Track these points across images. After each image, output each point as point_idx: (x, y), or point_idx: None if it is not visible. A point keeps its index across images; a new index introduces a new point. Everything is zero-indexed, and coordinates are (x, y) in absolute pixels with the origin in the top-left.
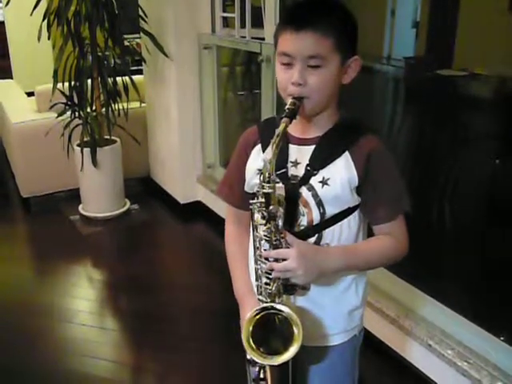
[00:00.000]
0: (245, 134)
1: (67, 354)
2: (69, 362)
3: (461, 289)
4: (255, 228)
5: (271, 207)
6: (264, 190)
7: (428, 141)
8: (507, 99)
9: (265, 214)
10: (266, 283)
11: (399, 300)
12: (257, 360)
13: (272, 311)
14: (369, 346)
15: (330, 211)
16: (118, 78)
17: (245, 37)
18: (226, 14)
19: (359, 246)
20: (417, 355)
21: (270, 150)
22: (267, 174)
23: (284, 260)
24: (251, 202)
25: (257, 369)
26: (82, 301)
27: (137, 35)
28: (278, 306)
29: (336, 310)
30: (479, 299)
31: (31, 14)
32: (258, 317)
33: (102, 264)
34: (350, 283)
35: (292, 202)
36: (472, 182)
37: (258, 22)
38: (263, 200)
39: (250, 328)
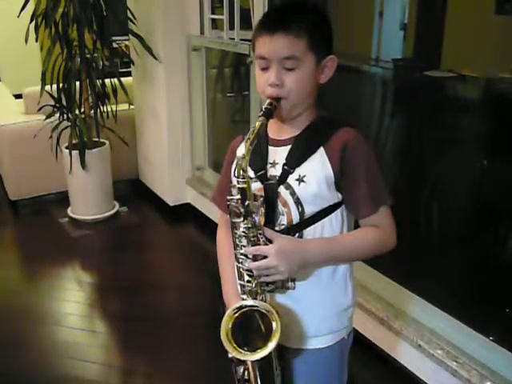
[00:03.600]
0: (232, 143)
1: (56, 356)
2: (58, 365)
3: (450, 289)
4: (234, 226)
5: (247, 202)
6: (239, 186)
7: (415, 141)
8: (494, 100)
9: (241, 210)
10: (248, 281)
11: (389, 300)
12: (236, 356)
13: (248, 308)
14: (358, 346)
15: (310, 210)
16: (107, 80)
17: (233, 38)
18: (214, 16)
19: (341, 237)
20: (406, 355)
21: (243, 147)
22: (241, 171)
23: (264, 257)
24: (228, 198)
25: (241, 369)
26: (71, 303)
27: (125, 37)
28: (251, 302)
29: (323, 311)
30: (468, 299)
31: (18, 16)
32: (236, 315)
33: (91, 266)
34: (337, 283)
35: (271, 201)
36: (459, 182)
37: (246, 23)
38: (239, 196)
39: (229, 325)
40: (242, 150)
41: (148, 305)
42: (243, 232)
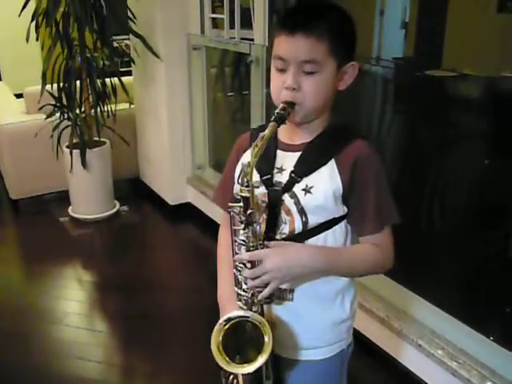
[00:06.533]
0: (238, 140)
1: (56, 355)
2: (58, 364)
3: (451, 289)
4: (234, 233)
5: (249, 211)
6: (242, 194)
7: (417, 141)
8: (496, 99)
9: (243, 218)
10: (244, 290)
11: (389, 300)
12: (226, 368)
13: (239, 320)
14: (358, 346)
15: (314, 220)
16: (107, 80)
17: (234, 38)
18: (215, 15)
19: (342, 249)
20: (407, 355)
21: (249, 152)
22: (245, 178)
23: (259, 264)
24: (230, 205)
25: (231, 376)
26: (72, 302)
27: (126, 36)
28: (241, 313)
29: (320, 323)
30: (469, 299)
31: (19, 15)
32: (226, 327)
33: (92, 265)
34: (335, 296)
35: (274, 208)
36: (461, 182)
37: (247, 22)
38: (241, 204)
39: (220, 338)
40: (247, 157)
41: (148, 304)
42: (242, 241)
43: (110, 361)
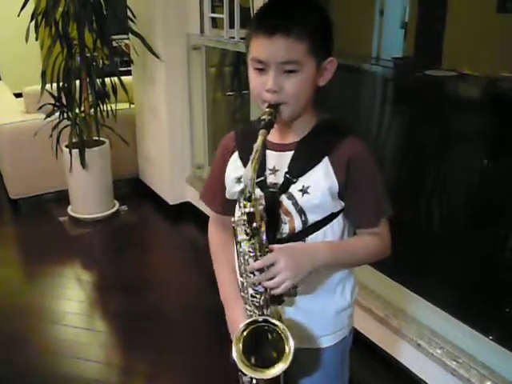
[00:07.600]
0: (222, 141)
1: (56, 355)
2: (57, 364)
3: (450, 288)
4: (239, 244)
5: (254, 224)
6: (246, 210)
7: (416, 141)
8: (495, 99)
9: (248, 230)
10: (253, 295)
11: (388, 299)
12: (246, 373)
13: (260, 324)
14: (357, 345)
15: (313, 218)
16: (107, 79)
17: (234, 37)
18: (214, 15)
19: (346, 241)
20: (406, 354)
21: (249, 167)
22: (248, 193)
23: (272, 266)
24: (233, 219)
25: (248, 377)
26: (71, 302)
27: (125, 36)
28: (271, 320)
29: (323, 314)
30: (468, 298)
31: (19, 15)
32: (245, 333)
33: (91, 265)
34: (336, 285)
35: (272, 210)
36: (460, 181)
37: (246, 22)
38: (246, 218)
39: (240, 345)
40: (248, 171)
41: (148, 303)
42: (249, 251)
43: (109, 361)
